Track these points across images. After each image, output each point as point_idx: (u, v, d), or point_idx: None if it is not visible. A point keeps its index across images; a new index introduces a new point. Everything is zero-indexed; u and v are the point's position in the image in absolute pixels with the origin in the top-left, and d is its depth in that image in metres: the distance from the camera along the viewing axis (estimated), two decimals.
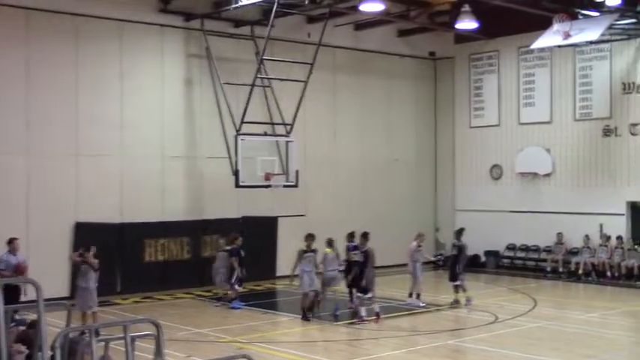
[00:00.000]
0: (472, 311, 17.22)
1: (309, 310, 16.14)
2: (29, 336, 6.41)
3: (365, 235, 16.15)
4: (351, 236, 17.22)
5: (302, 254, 16.12)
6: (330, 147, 24.42)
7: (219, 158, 20.96)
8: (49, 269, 17.92)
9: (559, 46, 21.99)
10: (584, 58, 23.25)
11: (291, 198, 22.46)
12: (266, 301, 19.04)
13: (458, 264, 17.87)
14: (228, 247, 17.93)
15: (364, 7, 20.55)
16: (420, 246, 18.24)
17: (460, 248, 17.99)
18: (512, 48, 25.05)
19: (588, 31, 19.70)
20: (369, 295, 15.66)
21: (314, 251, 16.35)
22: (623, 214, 22.44)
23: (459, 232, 18.41)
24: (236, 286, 17.82)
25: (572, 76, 23.55)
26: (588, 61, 23.18)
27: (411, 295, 18.04)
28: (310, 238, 16.38)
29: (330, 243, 16.53)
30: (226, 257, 17.85)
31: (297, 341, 14.85)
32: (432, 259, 18.78)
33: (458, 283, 17.83)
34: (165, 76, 20.97)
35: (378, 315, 15.62)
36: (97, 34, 19.65)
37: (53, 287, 16.79)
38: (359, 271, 15.95)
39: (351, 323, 15.86)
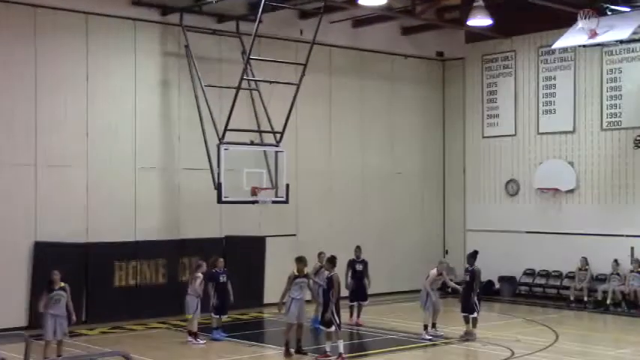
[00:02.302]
0: (486, 345, 17.11)
1: (297, 343, 16.02)
2: None
3: (332, 260, 15.99)
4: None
5: (293, 280, 15.99)
6: (324, 158, 24.39)
7: (199, 170, 20.86)
8: (4, 295, 17.77)
9: (584, 46, 22.03)
10: (613, 60, 23.30)
11: (280, 215, 22.40)
12: (252, 332, 18.93)
13: (472, 292, 17.73)
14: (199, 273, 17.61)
15: (364, 1, 20.55)
16: (440, 274, 18.15)
17: (473, 274, 17.86)
18: (530, 48, 25.12)
19: (618, 28, 19.74)
20: (332, 329, 15.41)
21: (306, 276, 16.27)
22: None
23: (473, 256, 18.30)
24: (212, 314, 17.70)
25: (598, 80, 23.60)
26: (617, 62, 23.23)
27: (434, 325, 17.99)
28: (301, 262, 16.27)
29: (297, 262, 16.27)
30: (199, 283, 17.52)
31: None
32: (456, 287, 18.63)
33: (475, 315, 17.67)
34: (138, 77, 20.90)
35: (341, 355, 15.28)
36: (59, 29, 19.57)
37: (8, 316, 16.66)
38: (322, 301, 15.77)
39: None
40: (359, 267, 20.04)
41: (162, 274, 20.97)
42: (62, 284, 14.85)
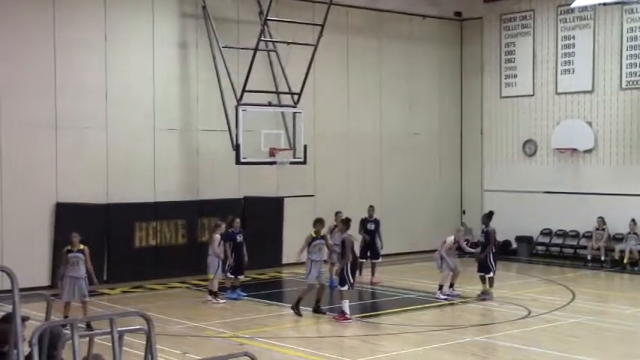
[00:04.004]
0: (503, 304, 17.15)
1: (317, 302, 16.19)
2: (4, 331, 6.35)
3: (346, 222, 16.22)
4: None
5: (311, 242, 16.18)
6: (342, 119, 24.31)
7: (217, 131, 20.88)
8: (27, 255, 17.96)
9: (604, 4, 21.78)
10: (633, 18, 22.98)
11: (298, 176, 22.40)
12: (270, 292, 19.05)
13: (488, 253, 17.72)
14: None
15: None
16: (457, 242, 18.08)
17: (488, 234, 17.83)
18: (549, 7, 24.81)
19: None
20: (345, 287, 15.56)
21: (323, 238, 16.47)
22: None
23: (488, 216, 18.26)
24: (228, 274, 17.84)
25: (618, 39, 23.30)
26: (638, 21, 22.91)
27: (452, 285, 18.06)
28: (319, 223, 16.53)
29: (315, 224, 16.52)
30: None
31: (305, 337, 14.84)
32: (472, 251, 18.59)
33: (491, 275, 17.67)
34: (156, 38, 20.83)
35: (343, 314, 15.47)
36: None
37: (31, 276, 16.84)
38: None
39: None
40: (371, 226, 20.16)
41: (182, 234, 21.09)
42: (81, 246, 14.88)
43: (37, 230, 18.88)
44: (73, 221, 17.91)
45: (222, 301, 17.43)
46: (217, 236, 17.49)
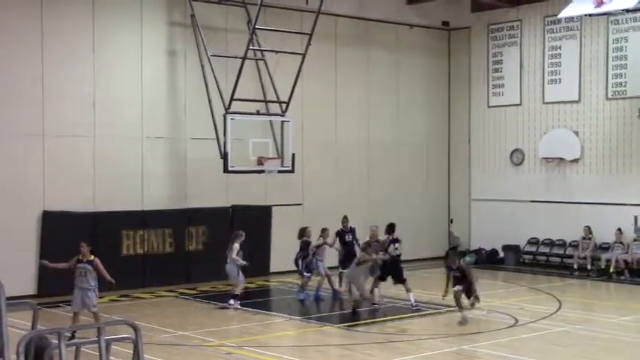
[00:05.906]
0: (490, 313, 17.17)
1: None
2: None
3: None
4: (390, 228, 18.44)
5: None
6: (330, 128, 24.35)
7: (205, 140, 20.88)
8: (13, 264, 17.85)
9: (590, 15, 21.88)
10: (619, 29, 23.14)
11: (286, 185, 22.43)
12: (258, 300, 19.03)
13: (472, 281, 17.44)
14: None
15: None
16: (376, 241, 18.25)
17: (463, 270, 17.24)
18: (536, 17, 24.97)
19: None
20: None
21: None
22: None
23: (456, 254, 17.91)
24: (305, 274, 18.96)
25: (604, 49, 23.45)
26: (624, 32, 23.07)
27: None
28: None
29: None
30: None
31: (293, 345, 14.82)
32: (384, 258, 18.30)
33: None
34: (144, 47, 20.84)
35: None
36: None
37: (17, 284, 16.74)
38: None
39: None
40: (348, 237, 19.63)
41: (169, 243, 21.04)
42: (91, 257, 14.51)
43: (24, 238, 18.80)
44: (60, 229, 17.85)
45: (238, 305, 17.66)
46: (237, 245, 17.66)
